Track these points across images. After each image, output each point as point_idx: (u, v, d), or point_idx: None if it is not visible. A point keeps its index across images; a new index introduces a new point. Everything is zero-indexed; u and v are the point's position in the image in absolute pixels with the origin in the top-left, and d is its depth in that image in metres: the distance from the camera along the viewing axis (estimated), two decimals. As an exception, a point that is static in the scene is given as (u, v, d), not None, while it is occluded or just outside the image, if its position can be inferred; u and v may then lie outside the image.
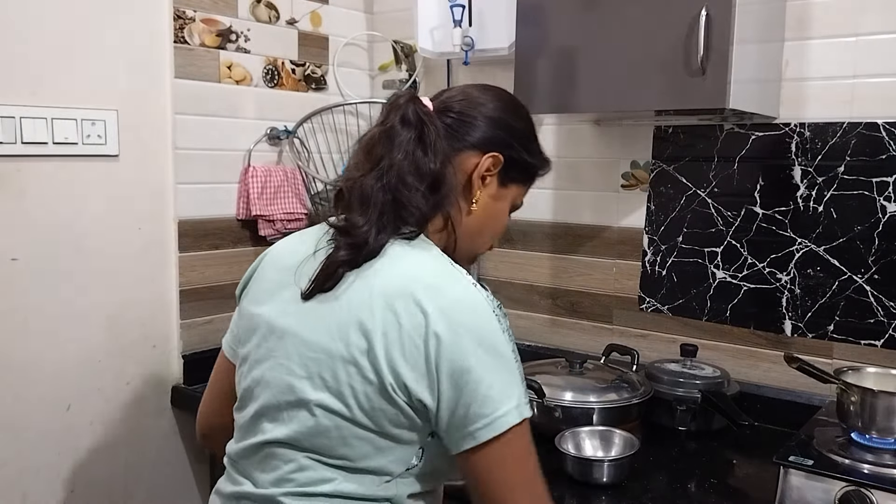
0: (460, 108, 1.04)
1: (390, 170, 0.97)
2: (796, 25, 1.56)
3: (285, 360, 0.96)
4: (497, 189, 1.05)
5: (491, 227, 1.09)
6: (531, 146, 1.08)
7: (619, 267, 1.83)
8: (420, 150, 0.98)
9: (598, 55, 1.50)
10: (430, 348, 0.89)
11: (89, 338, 1.67)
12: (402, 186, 0.96)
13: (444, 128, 1.01)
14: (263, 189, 1.90)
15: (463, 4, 1.83)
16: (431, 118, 1.00)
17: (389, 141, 0.98)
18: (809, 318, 1.58)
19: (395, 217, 0.96)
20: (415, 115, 0.99)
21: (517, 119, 1.07)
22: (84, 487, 1.69)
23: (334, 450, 0.94)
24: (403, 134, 0.98)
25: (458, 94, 1.07)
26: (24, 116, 1.52)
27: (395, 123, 0.99)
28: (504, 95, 1.09)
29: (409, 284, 0.91)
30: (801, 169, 1.57)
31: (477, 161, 1.02)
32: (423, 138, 0.98)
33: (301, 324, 0.96)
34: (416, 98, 1.02)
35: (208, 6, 1.80)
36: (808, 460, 1.24)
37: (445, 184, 0.98)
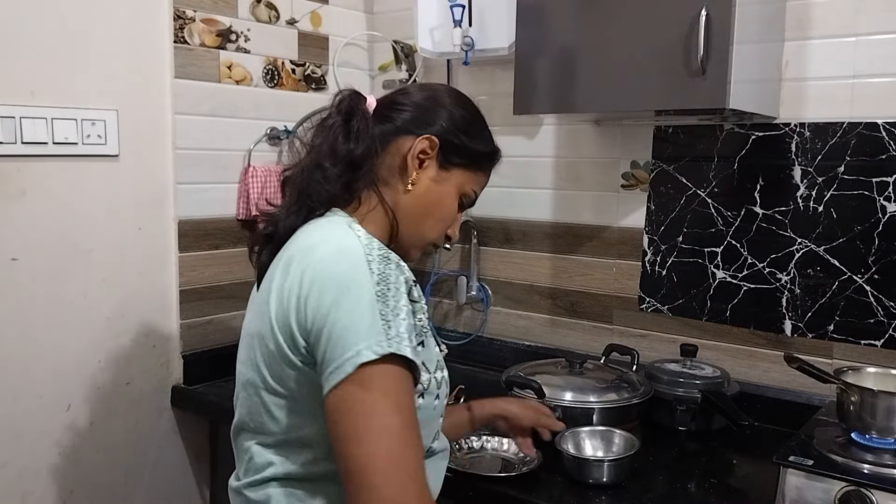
0: (398, 98, 1.12)
1: (310, 155, 1.07)
2: (796, 25, 1.56)
3: (240, 353, 1.09)
4: (437, 171, 1.09)
5: (436, 211, 1.11)
6: (472, 131, 1.12)
7: (619, 267, 1.83)
8: (343, 135, 1.05)
9: (598, 55, 1.50)
10: (302, 300, 0.93)
11: (89, 338, 1.67)
12: (315, 169, 1.05)
13: (381, 116, 1.09)
14: (263, 189, 1.90)
15: (463, 4, 1.83)
16: (362, 108, 1.08)
17: (319, 128, 1.09)
18: (809, 318, 1.58)
19: (305, 200, 1.04)
20: (347, 105, 1.08)
21: (456, 106, 1.12)
22: (84, 487, 1.69)
23: (266, 425, 1.00)
24: (331, 120, 1.08)
25: (400, 89, 1.16)
26: (24, 116, 1.52)
27: (330, 114, 1.09)
28: (447, 87, 1.19)
29: (298, 250, 0.98)
30: (801, 169, 1.57)
31: (412, 144, 1.07)
32: (348, 124, 1.06)
33: (248, 317, 1.08)
34: (355, 92, 1.10)
35: (208, 6, 1.80)
36: (808, 460, 1.24)
37: (364, 164, 1.04)
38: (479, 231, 2.04)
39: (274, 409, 0.99)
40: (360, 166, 1.04)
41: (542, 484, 1.32)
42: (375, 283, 0.91)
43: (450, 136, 1.09)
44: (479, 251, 2.05)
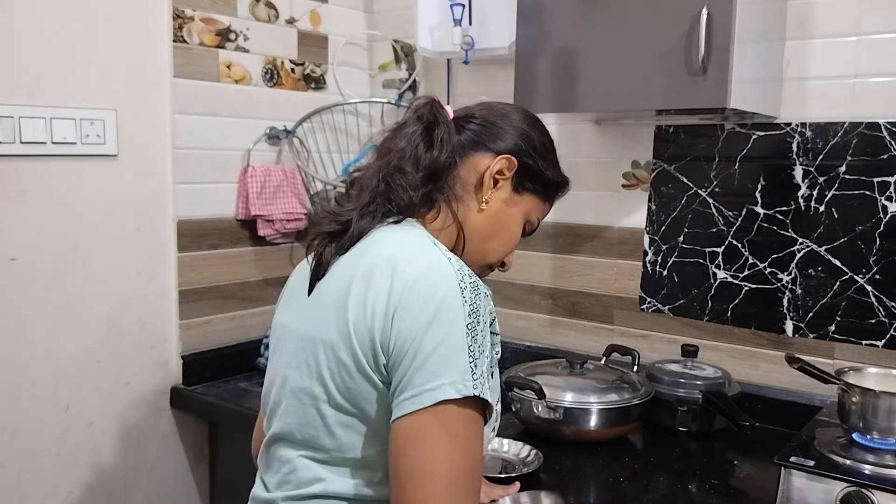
0: (480, 114, 1.08)
1: (390, 157, 1.02)
2: (797, 25, 1.56)
3: (286, 356, 1.00)
4: (510, 194, 1.06)
5: (501, 233, 1.08)
6: (549, 158, 1.10)
7: (620, 267, 1.83)
8: (425, 142, 1.01)
9: (599, 54, 1.50)
10: (388, 317, 0.89)
11: (88, 338, 1.67)
12: (396, 173, 1.00)
13: (462, 129, 1.05)
14: (263, 189, 1.89)
15: (463, 3, 1.83)
16: (444, 117, 1.04)
17: (398, 134, 1.04)
18: (810, 318, 1.58)
19: (383, 202, 0.99)
20: (428, 112, 1.04)
21: (536, 130, 1.09)
22: (83, 488, 1.69)
23: (321, 441, 0.94)
24: (412, 127, 1.03)
25: (479, 104, 1.11)
26: (22, 116, 1.52)
27: (409, 119, 1.05)
28: (524, 109, 1.14)
29: (382, 259, 0.93)
30: (803, 168, 1.57)
31: (490, 162, 1.04)
32: (430, 132, 1.02)
33: (298, 317, 1.00)
34: (435, 101, 1.06)
35: (207, 5, 1.80)
36: (809, 461, 1.23)
37: (445, 175, 1.01)
38: (479, 231, 2.03)
39: (335, 426, 0.93)
40: (440, 176, 1.01)
41: (542, 484, 1.32)
42: (467, 313, 0.88)
43: (528, 160, 1.06)
44: (479, 251, 2.04)
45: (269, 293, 2.00)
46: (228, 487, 1.86)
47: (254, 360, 1.95)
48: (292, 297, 1.06)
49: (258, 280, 1.98)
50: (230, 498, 1.08)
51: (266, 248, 1.98)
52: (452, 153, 1.02)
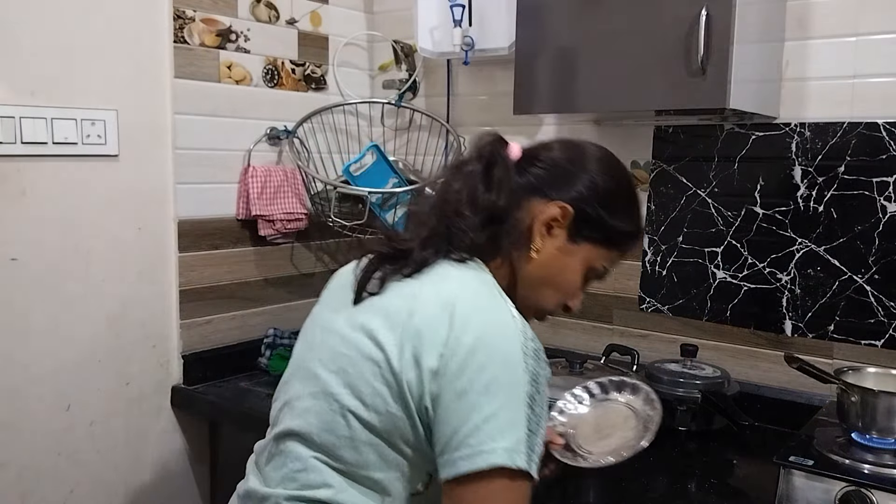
0: (547, 155, 1.03)
1: (446, 197, 0.99)
2: (796, 25, 1.56)
3: (320, 353, 0.98)
4: (565, 243, 1.01)
5: (556, 282, 1.04)
6: (613, 205, 1.03)
7: (620, 267, 1.82)
8: (483, 184, 0.98)
9: (598, 55, 1.50)
10: (445, 359, 0.87)
11: (89, 338, 1.67)
12: (454, 215, 0.97)
13: (524, 171, 1.01)
14: (263, 189, 1.90)
15: (463, 4, 1.83)
16: (504, 158, 1.01)
17: (456, 172, 1.02)
18: (810, 318, 1.58)
19: (445, 240, 0.97)
20: (488, 151, 1.01)
21: (605, 175, 1.03)
22: (83, 487, 1.69)
23: (341, 451, 0.93)
24: (470, 166, 1.01)
25: (555, 143, 1.07)
26: (23, 116, 1.52)
27: (470, 157, 1.02)
28: (601, 152, 1.07)
29: (446, 297, 0.91)
30: (802, 169, 1.57)
31: (545, 208, 1.00)
32: (488, 173, 0.99)
33: (342, 322, 0.98)
34: (499, 138, 1.03)
35: (208, 6, 1.80)
36: (808, 460, 1.24)
37: (504, 220, 0.98)
38: (479, 231, 2.03)
39: (360, 442, 0.92)
40: (500, 220, 0.98)
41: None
42: (529, 381, 0.87)
43: (586, 207, 1.00)
44: (479, 251, 2.04)
45: (270, 293, 2.00)
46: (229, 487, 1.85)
47: (255, 359, 1.95)
48: (336, 296, 1.04)
49: (259, 280, 1.98)
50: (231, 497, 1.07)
51: (267, 248, 1.99)
52: (511, 196, 0.98)
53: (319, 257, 2.12)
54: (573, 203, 1.00)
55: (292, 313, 2.06)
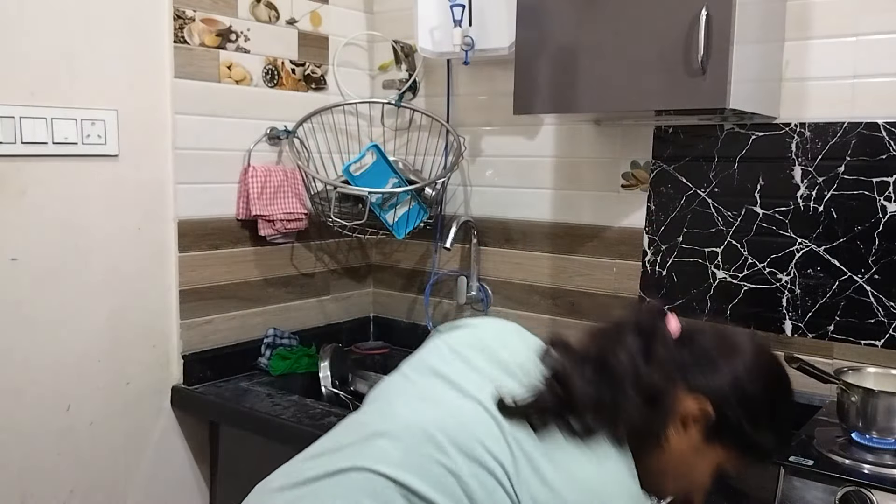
0: (703, 342, 0.96)
1: (610, 366, 0.92)
2: (796, 25, 1.56)
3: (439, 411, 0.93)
4: (699, 441, 0.94)
5: (681, 476, 0.97)
6: (759, 418, 0.95)
7: (620, 267, 1.83)
8: (644, 360, 0.92)
9: (598, 55, 1.50)
10: None
11: (89, 338, 1.67)
12: (619, 391, 0.90)
13: (676, 354, 0.94)
14: (263, 189, 1.90)
15: (463, 4, 1.83)
16: (665, 336, 0.95)
17: (617, 340, 0.94)
18: (810, 318, 1.58)
19: (610, 414, 0.89)
20: (650, 324, 0.95)
21: (756, 382, 0.95)
22: (84, 488, 1.69)
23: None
24: (631, 338, 0.94)
25: (710, 329, 0.99)
26: (23, 116, 1.52)
27: (629, 324, 0.96)
28: (762, 354, 0.98)
29: (599, 491, 0.86)
30: (802, 169, 1.57)
31: (684, 400, 0.93)
32: (649, 350, 0.93)
33: (479, 393, 0.92)
34: (662, 312, 0.98)
35: (208, 6, 1.80)
36: (808, 460, 1.24)
37: (662, 404, 0.91)
38: (479, 231, 2.04)
39: None
40: (656, 402, 0.90)
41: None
42: None
43: (727, 410, 0.92)
44: (479, 251, 2.05)
45: (270, 293, 2.01)
46: (229, 486, 1.86)
47: (255, 359, 1.95)
48: (475, 363, 0.97)
49: (259, 280, 1.98)
50: (231, 497, 1.07)
51: (267, 248, 1.99)
52: (668, 379, 0.91)
53: (319, 257, 2.13)
54: (714, 402, 0.92)
55: (292, 313, 2.06)
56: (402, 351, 2.19)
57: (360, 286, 2.26)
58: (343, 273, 2.20)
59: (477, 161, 2.05)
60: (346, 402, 1.84)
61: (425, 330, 2.11)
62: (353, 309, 2.24)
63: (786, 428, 1.00)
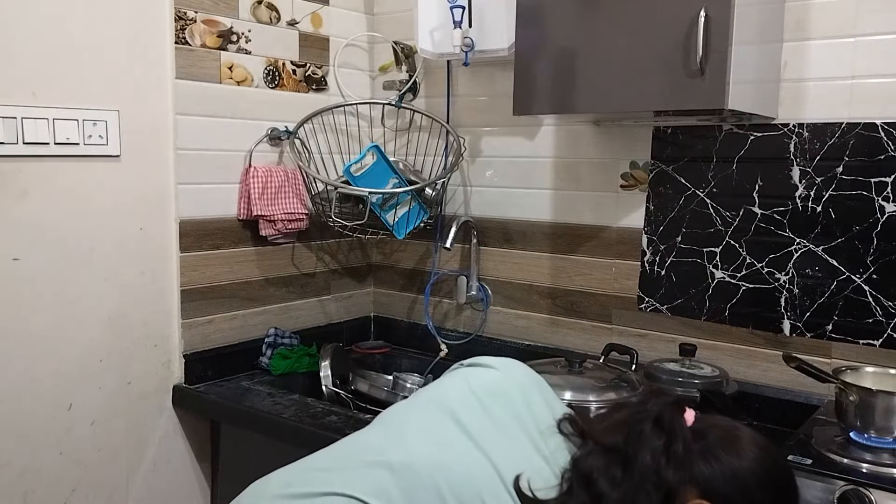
0: (713, 441, 0.95)
1: (634, 469, 0.92)
2: (795, 26, 1.57)
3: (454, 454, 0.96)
4: None
5: None
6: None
7: (619, 267, 1.84)
8: (665, 460, 0.92)
9: (598, 56, 1.50)
10: None
11: (90, 337, 1.68)
12: (640, 491, 0.90)
13: (690, 450, 0.94)
14: (264, 189, 1.90)
15: (463, 5, 1.84)
16: (685, 435, 0.94)
17: (638, 436, 0.94)
18: (808, 317, 1.59)
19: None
20: (670, 423, 0.95)
21: (764, 491, 0.94)
22: (85, 487, 1.69)
23: None
24: (653, 438, 0.94)
25: (722, 426, 0.99)
26: (25, 117, 1.53)
27: (648, 420, 0.95)
28: (770, 461, 0.97)
29: None
30: (800, 169, 1.58)
31: (692, 499, 0.92)
32: (670, 450, 0.93)
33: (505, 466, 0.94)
34: (679, 406, 0.98)
35: (209, 7, 1.81)
36: (806, 459, 1.24)
37: (674, 501, 0.91)
38: (479, 231, 2.04)
39: None
40: (672, 500, 0.91)
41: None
42: None
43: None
44: (478, 251, 2.05)
45: (271, 293, 2.01)
46: (230, 486, 1.86)
47: (255, 359, 1.96)
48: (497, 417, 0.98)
49: (260, 280, 1.99)
50: (232, 496, 1.07)
51: (268, 249, 1.99)
52: (683, 478, 0.91)
53: (320, 257, 2.13)
54: (715, 502, 0.92)
55: (293, 313, 2.07)
56: (402, 350, 2.19)
57: (360, 286, 2.27)
58: (343, 273, 2.21)
59: (477, 161, 2.06)
60: (347, 401, 1.84)
61: (425, 329, 2.12)
62: (354, 308, 2.25)
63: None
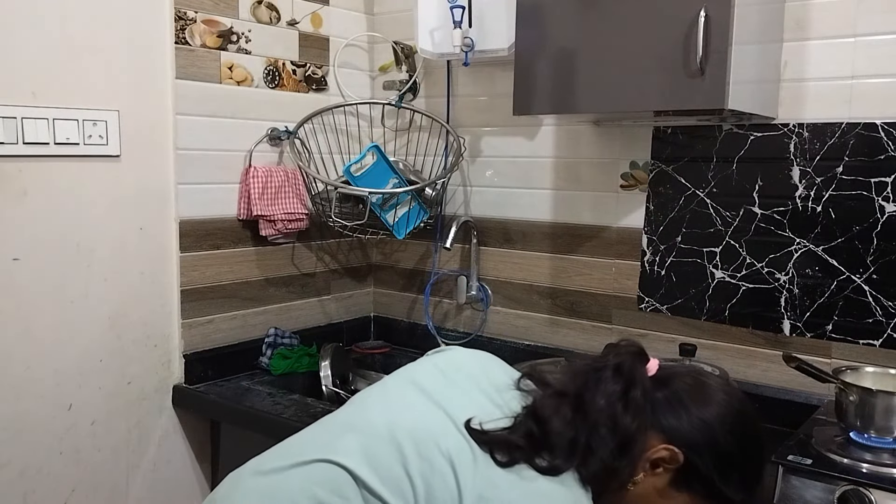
0: (678, 389, 0.98)
1: (588, 411, 0.94)
2: (795, 26, 1.57)
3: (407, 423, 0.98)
4: (666, 486, 0.96)
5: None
6: (729, 471, 0.96)
7: (619, 267, 1.84)
8: (622, 405, 0.93)
9: (598, 56, 1.50)
10: None
11: (91, 337, 1.68)
12: (594, 433, 0.92)
13: (651, 398, 0.96)
14: (264, 189, 1.90)
15: (463, 5, 1.84)
16: (644, 382, 0.96)
17: (596, 382, 0.96)
18: (808, 317, 1.59)
19: (581, 454, 0.92)
20: (629, 370, 0.96)
21: (729, 434, 0.96)
22: (85, 487, 1.69)
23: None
24: (610, 383, 0.95)
25: (688, 374, 1.02)
26: (25, 117, 1.53)
27: (608, 368, 0.97)
28: (735, 407, 0.99)
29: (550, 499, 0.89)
30: (800, 169, 1.58)
31: (657, 444, 0.95)
32: (627, 395, 0.94)
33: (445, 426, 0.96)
34: (641, 354, 0.99)
35: (209, 7, 1.81)
36: (806, 459, 1.24)
37: (634, 449, 0.93)
38: (479, 231, 2.04)
39: None
40: (629, 450, 0.93)
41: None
42: None
43: (698, 461, 0.94)
44: (478, 251, 2.05)
45: (271, 293, 2.01)
46: (230, 486, 1.86)
47: (255, 358, 1.96)
48: (455, 380, 1.01)
49: (260, 280, 1.99)
50: (232, 495, 1.08)
51: (268, 249, 2.00)
52: (643, 424, 0.93)
53: (320, 257, 2.13)
54: (686, 451, 0.94)
55: (293, 313, 2.07)
56: (402, 350, 2.19)
57: (360, 286, 2.27)
58: (344, 273, 2.21)
59: (477, 161, 2.06)
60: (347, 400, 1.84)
61: (425, 329, 2.12)
62: (354, 308, 2.25)
63: (755, 482, 1.00)
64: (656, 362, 1.00)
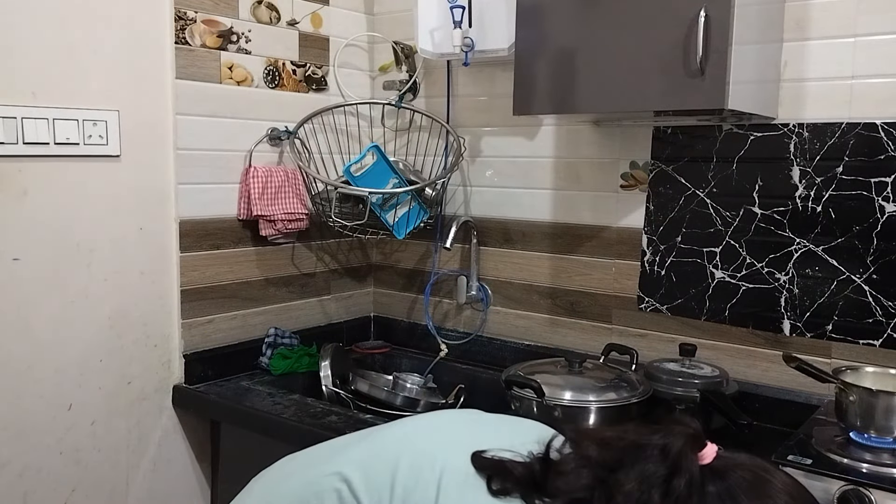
0: (733, 484, 0.81)
1: (612, 493, 0.80)
2: (795, 26, 1.57)
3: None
4: None
5: None
6: None
7: (618, 267, 1.84)
8: (659, 494, 0.79)
9: (598, 56, 1.51)
10: None
11: (90, 337, 1.68)
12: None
13: (699, 491, 0.80)
14: (264, 189, 1.90)
15: (463, 6, 1.84)
16: (693, 470, 0.80)
17: (635, 458, 0.82)
18: (808, 317, 1.59)
19: None
20: (677, 453, 0.81)
21: None
22: (85, 487, 1.69)
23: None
24: (651, 464, 0.81)
25: (750, 468, 0.83)
26: (25, 117, 1.53)
27: (654, 446, 0.82)
28: (796, 495, 0.83)
29: None
30: (800, 169, 1.58)
31: None
32: (668, 483, 0.79)
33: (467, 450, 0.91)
34: (696, 438, 0.83)
35: (209, 7, 1.81)
36: (806, 459, 1.24)
37: None
38: (479, 231, 2.04)
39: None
40: None
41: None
42: None
43: None
44: (478, 251, 2.05)
45: (271, 293, 2.01)
46: (230, 486, 1.86)
47: (255, 358, 1.96)
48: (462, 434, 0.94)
49: (260, 280, 1.99)
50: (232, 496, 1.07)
51: (268, 249, 2.00)
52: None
53: (320, 257, 2.13)
54: None
55: (293, 313, 2.07)
56: (402, 350, 2.20)
57: (360, 286, 2.27)
58: (344, 273, 2.21)
59: (477, 161, 2.06)
60: (347, 401, 1.84)
61: (425, 329, 2.12)
62: (354, 308, 2.25)
63: None
64: (714, 449, 0.83)
